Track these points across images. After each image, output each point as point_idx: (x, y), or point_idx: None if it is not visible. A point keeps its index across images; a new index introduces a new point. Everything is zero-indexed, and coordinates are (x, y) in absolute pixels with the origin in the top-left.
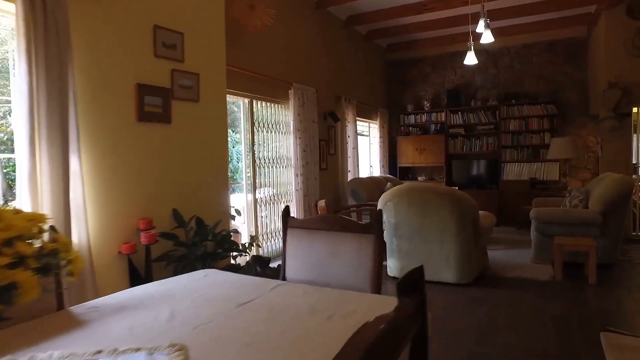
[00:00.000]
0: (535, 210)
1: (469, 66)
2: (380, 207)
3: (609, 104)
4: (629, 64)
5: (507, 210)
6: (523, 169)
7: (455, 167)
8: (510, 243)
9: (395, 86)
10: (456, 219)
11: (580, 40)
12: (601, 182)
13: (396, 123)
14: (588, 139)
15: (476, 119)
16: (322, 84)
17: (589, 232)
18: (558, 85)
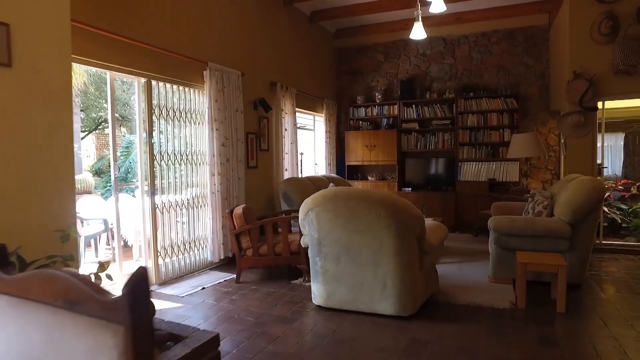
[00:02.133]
0: (495, 220)
1: (425, 56)
2: (301, 217)
3: (573, 96)
4: (594, 53)
5: (464, 215)
6: (481, 169)
7: (408, 166)
8: (466, 254)
9: (344, 76)
10: (395, 235)
11: (541, 29)
12: (568, 186)
13: (345, 116)
14: (549, 136)
15: (432, 113)
16: (251, 67)
17: (556, 245)
18: (519, 78)
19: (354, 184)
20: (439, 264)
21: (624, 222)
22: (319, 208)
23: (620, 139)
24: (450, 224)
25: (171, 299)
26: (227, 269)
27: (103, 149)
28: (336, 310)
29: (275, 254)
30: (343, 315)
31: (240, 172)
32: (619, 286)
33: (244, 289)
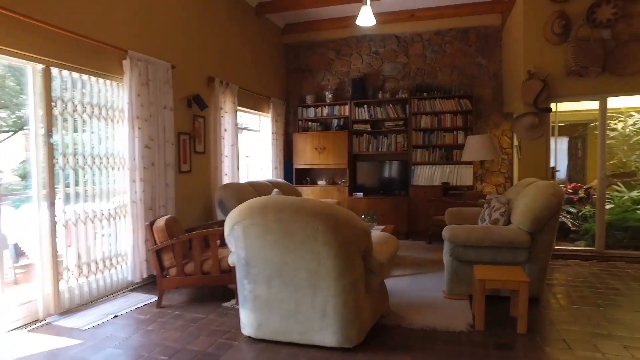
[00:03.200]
0: (450, 230)
1: (378, 54)
2: (226, 232)
3: (528, 97)
4: (548, 53)
5: (418, 221)
6: (435, 173)
7: (360, 170)
8: (419, 265)
9: (293, 74)
10: (335, 254)
11: (494, 29)
12: (526, 191)
13: (293, 117)
14: (502, 139)
15: (384, 114)
16: (185, 60)
17: (515, 256)
18: (472, 78)
19: (303, 189)
20: (389, 279)
21: (573, 226)
22: (246, 222)
23: (565, 143)
24: (403, 230)
25: (70, 334)
26: (150, 289)
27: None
28: (269, 342)
29: (204, 272)
30: (276, 349)
31: (169, 178)
32: (576, 298)
33: (164, 316)
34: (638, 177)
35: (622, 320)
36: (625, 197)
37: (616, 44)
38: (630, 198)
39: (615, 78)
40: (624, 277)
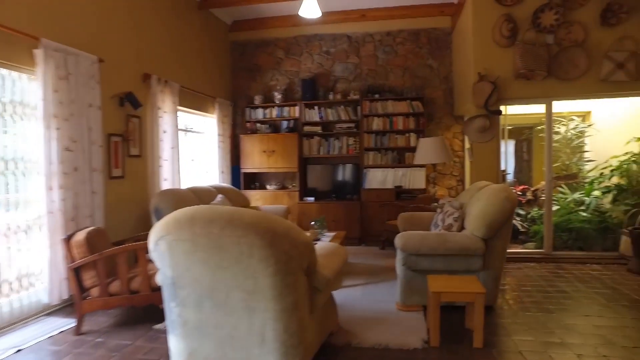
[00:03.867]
0: (403, 238)
1: (329, 54)
2: (151, 247)
3: (479, 99)
4: (497, 55)
5: (370, 226)
6: (387, 176)
7: (311, 173)
8: (371, 273)
9: (240, 73)
10: (274, 271)
11: (444, 32)
12: (479, 196)
13: (241, 118)
14: (454, 142)
15: (335, 116)
16: (116, 53)
17: (470, 264)
18: (424, 80)
19: (251, 194)
20: (339, 290)
21: (522, 228)
22: (172, 236)
23: (512, 146)
24: (355, 236)
25: None
26: (71, 312)
27: None
28: None
29: (132, 291)
30: None
31: (96, 185)
32: (529, 303)
33: (83, 345)
34: (579, 179)
35: (574, 326)
36: (569, 198)
37: (559, 49)
38: (573, 200)
39: (559, 82)
40: (571, 279)
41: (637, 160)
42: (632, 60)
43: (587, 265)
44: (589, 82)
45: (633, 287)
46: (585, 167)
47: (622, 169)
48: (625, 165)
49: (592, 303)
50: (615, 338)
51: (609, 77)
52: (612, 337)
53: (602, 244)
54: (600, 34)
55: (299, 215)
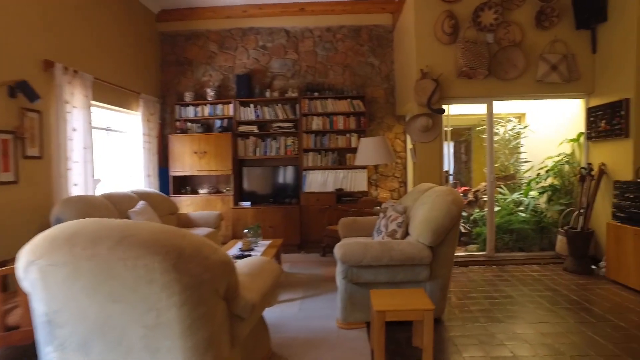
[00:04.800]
0: (343, 249)
1: (265, 49)
2: (19, 275)
3: (421, 97)
4: (439, 52)
5: (310, 231)
6: (328, 178)
7: (247, 176)
8: (311, 284)
9: (170, 67)
10: (181, 301)
11: (386, 29)
12: (424, 199)
13: (170, 116)
14: (396, 142)
15: (272, 115)
16: (3, 33)
17: (416, 275)
18: (365, 79)
19: (181, 200)
20: (274, 307)
21: (465, 230)
22: (45, 260)
23: (452, 147)
24: (295, 242)
25: None
26: None
27: None
28: None
29: (8, 328)
30: None
31: None
32: (476, 312)
33: None
34: (517, 180)
35: (523, 336)
36: (508, 199)
37: (499, 48)
38: (512, 200)
39: (499, 82)
40: (515, 282)
41: (569, 161)
42: (564, 63)
43: (527, 266)
44: (527, 83)
45: (570, 287)
46: (522, 168)
47: (556, 170)
48: (559, 166)
49: (537, 308)
50: (563, 347)
51: (545, 78)
52: (560, 346)
53: (540, 243)
54: (535, 36)
55: (234, 221)
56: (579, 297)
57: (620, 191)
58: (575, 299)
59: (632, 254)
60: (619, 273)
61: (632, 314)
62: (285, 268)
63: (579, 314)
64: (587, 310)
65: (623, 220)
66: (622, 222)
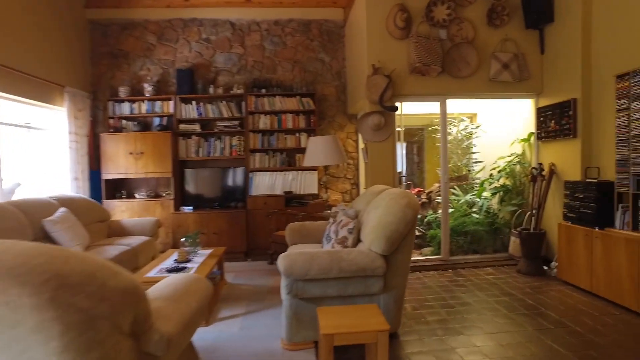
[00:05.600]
0: (287, 260)
1: (209, 42)
2: None
3: (374, 93)
4: (392, 47)
5: (257, 237)
6: (276, 180)
7: (189, 179)
8: (256, 297)
9: (102, 59)
10: (63, 347)
11: (337, 25)
12: (376, 202)
13: (103, 113)
14: (347, 142)
15: (216, 112)
16: None
17: (368, 287)
18: (315, 75)
19: (115, 205)
20: (212, 325)
21: (419, 232)
22: None
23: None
24: (241, 249)
25: None
26: None
27: None
28: None
29: None
30: None
31: None
32: (434, 323)
33: None
34: (469, 180)
35: (483, 349)
36: (462, 200)
37: (452, 45)
38: (466, 201)
39: (453, 79)
40: (471, 287)
41: (521, 161)
42: (515, 62)
43: (482, 269)
44: (480, 81)
45: (525, 290)
46: (475, 168)
47: (508, 170)
48: (511, 166)
49: (494, 315)
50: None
51: (497, 77)
52: (520, 358)
53: (494, 245)
54: (487, 34)
55: (174, 228)
56: (534, 301)
57: (571, 191)
58: (532, 304)
59: (583, 255)
60: (570, 274)
61: (585, 317)
62: (228, 279)
63: (536, 320)
64: (543, 316)
65: (573, 220)
66: (573, 223)
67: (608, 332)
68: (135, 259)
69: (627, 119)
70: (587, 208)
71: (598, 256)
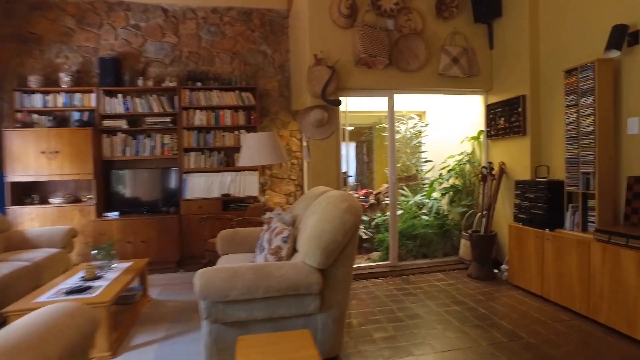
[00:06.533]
0: (203, 279)
1: (138, 28)
2: None
3: (315, 86)
4: (336, 36)
5: (191, 245)
6: (213, 182)
7: (115, 181)
8: (180, 316)
9: (6, 43)
10: None
11: (280, 15)
12: (315, 207)
13: (8, 106)
14: (291, 141)
15: (146, 107)
16: None
17: (302, 306)
18: (256, 69)
19: (23, 213)
20: (123, 354)
21: (366, 235)
22: None
23: (353, 148)
24: (172, 259)
25: None
26: None
27: None
28: None
29: None
30: None
31: None
32: (381, 341)
33: None
34: (419, 181)
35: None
36: (411, 201)
37: (399, 36)
38: (415, 203)
39: (400, 73)
40: (420, 296)
41: (471, 160)
42: (465, 57)
43: (432, 275)
44: (429, 75)
45: (477, 297)
46: (425, 168)
47: (458, 170)
48: (461, 165)
49: (446, 329)
50: None
51: (446, 71)
52: None
53: (444, 248)
54: (436, 26)
55: (95, 237)
56: (486, 309)
57: (521, 191)
58: (484, 313)
59: (534, 258)
60: (521, 278)
61: (538, 326)
62: (153, 294)
63: (489, 333)
64: (496, 327)
65: (524, 222)
66: (524, 224)
67: (562, 342)
68: (38, 276)
69: (576, 115)
70: (537, 209)
71: (549, 259)
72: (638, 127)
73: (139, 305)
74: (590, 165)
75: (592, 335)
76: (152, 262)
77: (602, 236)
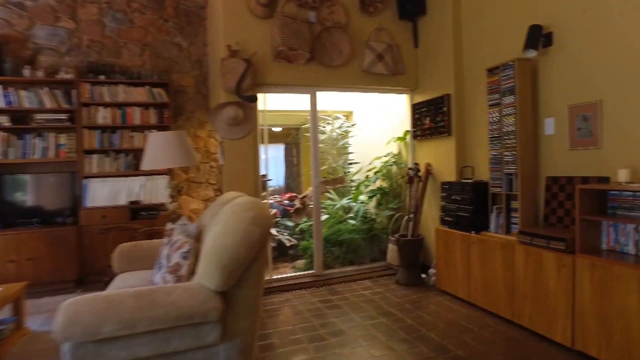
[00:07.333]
0: (64, 312)
1: (23, 8)
2: None
3: (229, 80)
4: (252, 27)
5: (95, 261)
6: (120, 188)
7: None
8: None
9: None
10: None
11: (197, 4)
12: (220, 217)
13: None
14: (209, 142)
15: (35, 102)
16: None
17: (200, 337)
18: (170, 63)
19: None
20: None
21: (290, 242)
22: None
23: (282, 150)
24: (70, 277)
25: None
26: None
27: None
28: None
29: None
30: None
31: None
32: None
33: None
34: (346, 183)
35: None
36: (337, 205)
37: (322, 28)
38: (342, 207)
39: (323, 69)
40: (345, 309)
41: (397, 162)
42: (390, 53)
43: (359, 283)
44: (353, 72)
45: (404, 306)
46: (352, 170)
47: (384, 171)
48: (387, 167)
49: (371, 346)
50: None
51: (371, 68)
52: None
53: (371, 254)
54: (361, 21)
55: None
56: (414, 320)
57: (447, 193)
58: (411, 324)
59: (460, 262)
60: (449, 283)
61: (466, 335)
62: (34, 324)
63: (417, 348)
64: (424, 340)
65: (450, 224)
66: (450, 227)
67: (490, 352)
68: None
69: (498, 114)
70: (463, 211)
71: (475, 263)
72: (554, 128)
73: (8, 343)
74: (513, 165)
75: (515, 340)
76: (43, 283)
77: (525, 238)
